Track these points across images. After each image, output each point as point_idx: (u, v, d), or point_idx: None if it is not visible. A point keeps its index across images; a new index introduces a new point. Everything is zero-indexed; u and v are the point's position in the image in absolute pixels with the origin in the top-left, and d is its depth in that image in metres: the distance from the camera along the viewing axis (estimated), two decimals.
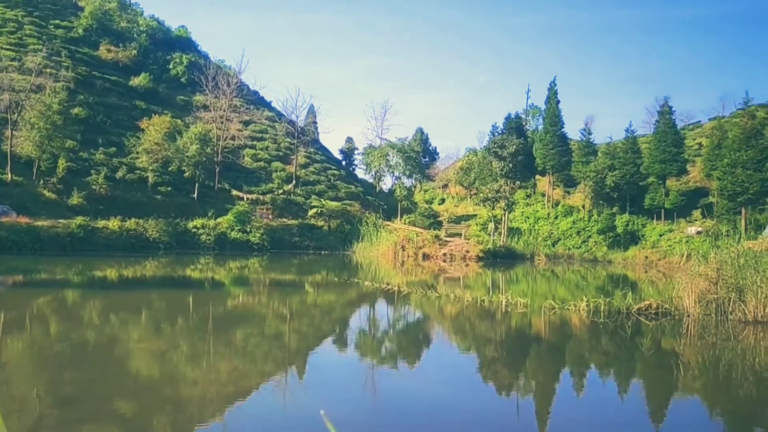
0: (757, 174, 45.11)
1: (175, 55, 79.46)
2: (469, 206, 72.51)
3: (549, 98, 69.75)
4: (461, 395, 8.67)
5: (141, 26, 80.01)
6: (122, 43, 75.12)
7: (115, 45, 74.07)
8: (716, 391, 9.37)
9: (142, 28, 79.57)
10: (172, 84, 76.41)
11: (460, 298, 19.56)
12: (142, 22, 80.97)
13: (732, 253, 16.16)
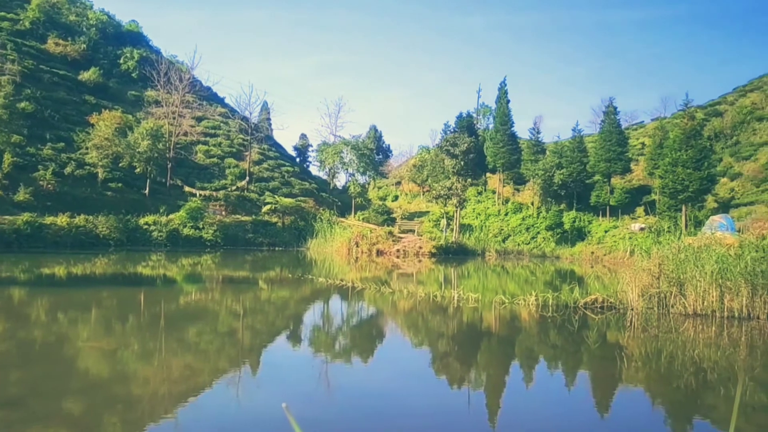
0: (696, 173, 46.65)
1: (125, 50, 77.45)
2: (422, 203, 73.00)
3: (499, 98, 70.80)
4: (414, 389, 8.73)
5: (90, 20, 77.61)
6: (71, 36, 72.76)
7: (63, 39, 71.68)
8: (658, 381, 9.67)
9: (91, 22, 77.20)
10: (123, 79, 74.49)
11: (413, 294, 19.68)
12: (91, 16, 78.56)
13: (673, 249, 16.72)
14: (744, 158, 62.44)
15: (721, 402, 8.36)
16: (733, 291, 15.01)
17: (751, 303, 14.89)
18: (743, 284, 14.90)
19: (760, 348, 12.32)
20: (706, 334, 13.43)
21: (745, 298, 14.88)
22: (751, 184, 56.70)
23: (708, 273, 15.21)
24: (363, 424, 6.84)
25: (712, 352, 11.61)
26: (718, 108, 78.54)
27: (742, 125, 69.29)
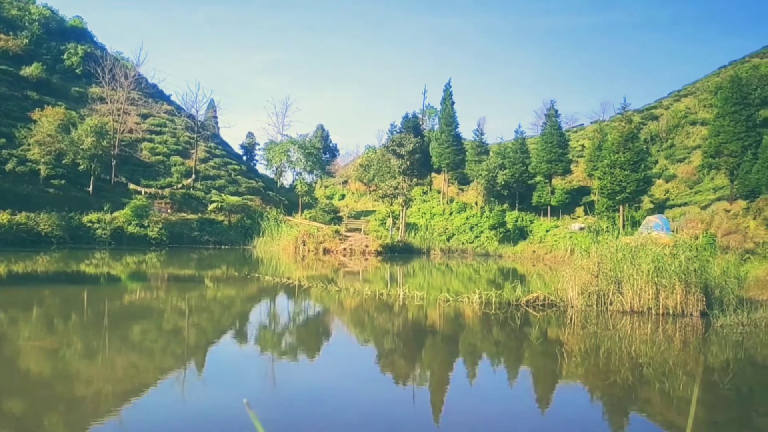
0: (633, 174, 48.11)
1: (69, 46, 74.54)
2: (369, 202, 73.06)
3: (444, 99, 71.49)
4: (360, 386, 8.68)
5: (33, 14, 74.33)
6: (13, 31, 69.50)
7: (4, 33, 68.38)
8: (597, 376, 9.88)
9: (34, 17, 73.94)
10: (67, 75, 71.66)
11: (360, 292, 19.62)
12: (34, 11, 75.27)
13: (611, 248, 17.16)
14: (678, 161, 64.83)
15: (656, 396, 8.60)
16: (668, 289, 15.51)
17: (685, 300, 15.42)
18: (677, 282, 15.42)
19: (693, 344, 12.76)
20: (642, 331, 13.82)
21: (679, 296, 15.40)
22: (685, 186, 58.91)
23: (644, 272, 15.68)
24: (309, 422, 6.74)
25: (648, 348, 11.95)
26: (654, 112, 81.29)
27: (676, 129, 71.90)
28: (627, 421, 7.58)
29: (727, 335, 13.02)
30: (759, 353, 11.68)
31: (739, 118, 46.05)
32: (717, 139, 46.99)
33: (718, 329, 13.64)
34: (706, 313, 15.23)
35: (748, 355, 11.45)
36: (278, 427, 6.38)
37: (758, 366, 10.80)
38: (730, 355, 11.37)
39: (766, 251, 23.76)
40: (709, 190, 52.92)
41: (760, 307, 15.28)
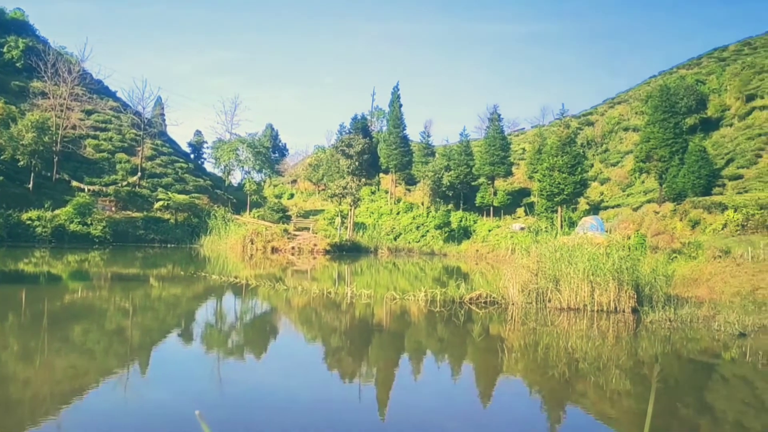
0: (571, 177, 49.37)
1: (9, 39, 71.21)
2: (318, 201, 72.70)
3: (392, 102, 71.81)
4: (307, 383, 8.61)
5: None
6: None
7: None
8: (535, 371, 10.09)
9: None
10: (6, 68, 68.45)
11: (308, 290, 19.48)
12: None
13: (550, 248, 17.54)
14: (612, 164, 66.92)
15: (590, 389, 8.84)
16: (602, 287, 15.97)
17: (618, 297, 15.92)
18: (611, 280, 15.90)
19: (624, 339, 13.17)
20: (578, 327, 14.19)
21: (612, 293, 15.89)
22: (618, 188, 60.88)
23: (580, 270, 16.10)
24: (255, 420, 6.64)
25: (583, 344, 12.28)
26: (590, 118, 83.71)
27: (610, 134, 74.24)
28: (563, 414, 7.77)
29: (656, 330, 13.50)
30: (685, 347, 12.15)
31: (667, 125, 47.85)
32: (647, 144, 48.70)
33: (648, 325, 14.12)
34: (637, 309, 15.75)
35: (675, 349, 11.90)
36: (224, 428, 6.26)
37: (684, 359, 11.24)
38: (658, 350, 11.79)
39: (691, 251, 24.75)
40: (640, 193, 54.79)
41: (685, 304, 15.90)
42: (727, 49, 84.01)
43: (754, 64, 65.68)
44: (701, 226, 31.50)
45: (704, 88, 64.81)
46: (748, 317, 13.92)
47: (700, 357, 11.39)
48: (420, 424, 6.93)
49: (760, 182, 41.73)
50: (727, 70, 68.93)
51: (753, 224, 27.06)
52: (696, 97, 59.61)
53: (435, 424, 6.94)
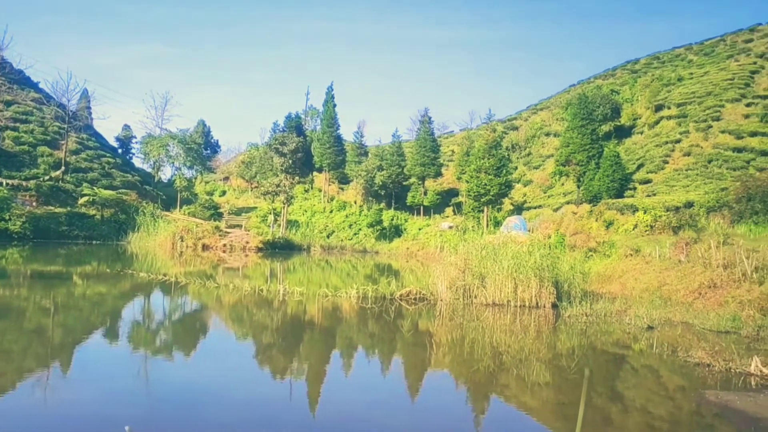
0: (496, 179, 50.60)
1: None
2: (250, 199, 71.43)
3: (327, 101, 71.46)
4: (237, 382, 8.44)
5: None
6: None
7: None
8: (462, 364, 10.27)
9: None
10: None
11: (239, 288, 19.11)
12: None
13: (476, 246, 17.91)
14: (534, 167, 69.01)
15: (513, 381, 9.07)
16: (524, 283, 16.44)
17: (539, 293, 16.43)
18: (533, 277, 16.40)
19: (545, 333, 13.60)
20: (502, 322, 14.55)
21: (534, 290, 16.38)
22: (540, 190, 62.81)
23: (505, 268, 16.53)
24: (185, 419, 6.45)
25: (506, 337, 12.60)
26: (515, 123, 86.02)
27: (533, 139, 76.54)
28: (488, 405, 7.95)
29: (573, 324, 14.01)
30: (599, 340, 12.67)
31: (585, 131, 49.82)
32: (567, 149, 50.52)
33: (566, 319, 14.64)
34: (557, 304, 16.31)
35: (590, 342, 12.39)
36: (151, 428, 6.06)
37: (598, 351, 11.71)
38: (575, 342, 12.24)
39: (605, 250, 25.82)
40: (560, 195, 56.73)
41: (600, 299, 16.59)
42: (638, 62, 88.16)
43: (662, 77, 69.28)
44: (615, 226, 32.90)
45: (618, 98, 67.84)
46: (656, 311, 14.65)
47: (612, 349, 11.89)
48: (350, 419, 6.93)
49: (667, 186, 44.04)
50: (638, 81, 72.37)
51: (660, 225, 28.48)
52: (611, 106, 62.26)
53: (365, 418, 6.95)
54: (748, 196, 27.30)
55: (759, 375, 8.69)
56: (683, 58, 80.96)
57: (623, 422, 7.07)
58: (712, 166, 45.69)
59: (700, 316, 14.14)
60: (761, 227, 24.41)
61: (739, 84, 57.30)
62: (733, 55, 69.31)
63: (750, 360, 9.22)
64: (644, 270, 20.87)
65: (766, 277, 14.62)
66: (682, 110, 57.81)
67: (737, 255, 16.20)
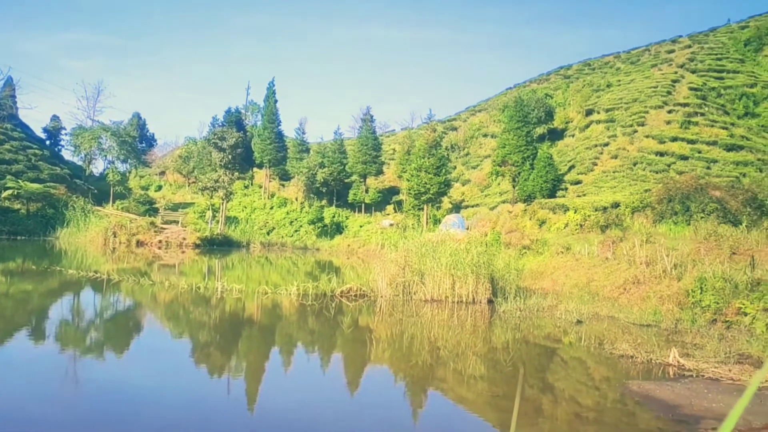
0: (436, 178, 51.23)
1: None
2: (188, 194, 69.71)
3: (268, 97, 70.49)
4: (173, 381, 8.23)
5: None
6: None
7: None
8: (400, 359, 10.36)
9: None
10: None
11: (175, 285, 18.63)
12: None
13: (416, 244, 18.11)
14: (473, 167, 70.22)
15: (450, 374, 9.23)
16: (462, 279, 16.74)
17: (476, 289, 16.76)
18: (470, 274, 16.71)
19: (480, 328, 13.89)
20: (440, 317, 14.76)
21: (471, 286, 16.70)
22: (477, 189, 63.98)
23: (443, 264, 16.77)
24: (118, 422, 6.23)
25: (444, 332, 12.80)
26: (454, 123, 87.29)
27: (472, 139, 77.88)
28: (425, 398, 8.05)
29: (508, 319, 14.36)
30: (531, 334, 13.04)
31: (520, 133, 51.13)
32: (503, 150, 51.69)
33: (501, 314, 15.00)
34: (492, 300, 16.68)
35: (523, 336, 12.74)
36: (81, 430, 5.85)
37: (531, 345, 12.05)
38: (509, 337, 12.56)
39: (538, 247, 26.59)
40: (497, 194, 57.96)
41: (533, 295, 17.08)
42: (571, 68, 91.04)
43: (593, 83, 71.87)
44: (547, 225, 33.93)
45: (552, 102, 69.93)
46: (584, 306, 15.21)
47: (544, 342, 12.27)
48: (289, 415, 6.88)
49: (596, 187, 45.73)
50: (570, 86, 74.81)
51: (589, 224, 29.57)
52: (545, 110, 64.08)
53: (304, 414, 6.92)
54: (668, 197, 28.66)
55: (676, 365, 9.16)
56: (612, 65, 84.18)
57: (553, 412, 7.31)
58: (636, 168, 47.74)
59: (625, 310, 14.77)
60: (680, 227, 25.69)
61: (661, 92, 60.05)
62: (656, 65, 72.58)
63: (669, 351, 9.70)
64: (574, 267, 21.61)
65: (684, 273, 15.40)
66: (610, 115, 60.15)
67: (658, 253, 17.00)
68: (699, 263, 15.21)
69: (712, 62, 67.31)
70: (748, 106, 56.75)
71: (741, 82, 60.93)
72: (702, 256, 16.34)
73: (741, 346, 10.12)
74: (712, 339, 11.04)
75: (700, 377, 8.49)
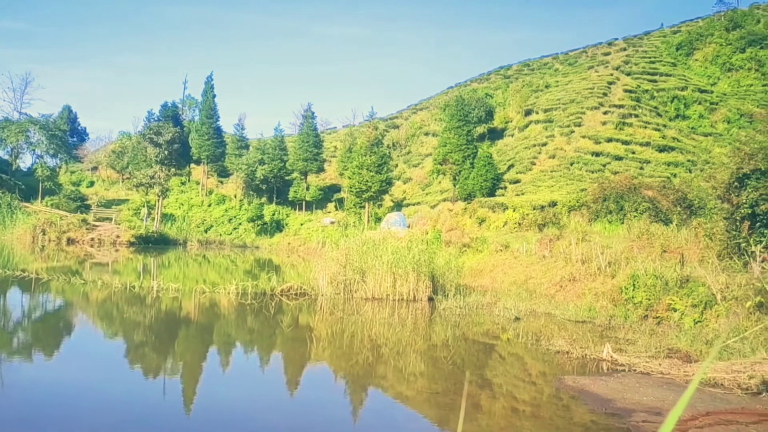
0: (378, 176, 51.47)
1: None
2: (122, 190, 67.45)
3: (206, 91, 68.88)
4: (106, 382, 7.95)
5: None
6: None
7: None
8: (341, 357, 10.37)
9: None
10: None
11: (109, 284, 18.01)
12: None
13: (357, 242, 18.13)
14: (414, 165, 70.87)
15: (390, 372, 9.30)
16: (403, 278, 16.88)
17: (416, 287, 16.94)
18: (411, 272, 16.87)
19: (421, 325, 14.06)
20: (381, 315, 14.85)
21: (412, 284, 16.86)
22: (419, 188, 64.62)
23: (385, 262, 16.87)
24: (47, 425, 5.98)
25: (385, 330, 12.88)
26: (396, 121, 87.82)
27: (413, 138, 78.57)
28: (366, 396, 8.09)
29: (448, 317, 14.59)
30: (471, 331, 13.30)
31: (461, 132, 51.95)
32: (444, 149, 52.40)
33: (441, 312, 15.21)
34: (433, 298, 16.90)
35: (463, 333, 12.98)
36: None
37: (470, 342, 12.29)
38: (449, 334, 12.76)
39: (478, 245, 27.09)
40: (438, 192, 58.71)
41: (472, 292, 17.40)
42: (511, 68, 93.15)
43: (532, 84, 73.74)
44: (487, 223, 34.61)
45: (492, 102, 71.36)
46: (522, 303, 15.62)
47: (483, 339, 12.53)
48: (228, 415, 6.78)
49: (534, 186, 47.01)
50: (510, 87, 76.52)
51: (527, 223, 30.36)
52: (485, 109, 65.33)
53: (243, 414, 6.83)
54: (603, 197, 29.74)
55: (610, 360, 9.54)
56: (550, 66, 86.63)
57: (491, 408, 7.48)
58: (573, 168, 49.36)
59: (561, 307, 15.24)
60: (614, 225, 26.71)
61: (598, 93, 62.28)
62: (593, 66, 75.21)
63: (603, 347, 10.09)
64: (513, 264, 22.13)
65: (617, 271, 16.03)
66: (548, 115, 61.94)
67: (593, 251, 17.62)
68: (632, 261, 15.83)
69: (645, 65, 70.33)
70: (679, 109, 59.66)
71: (673, 85, 63.95)
72: (635, 254, 17.02)
73: (670, 341, 10.62)
74: (644, 334, 11.55)
75: (632, 372, 8.87)
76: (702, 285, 12.24)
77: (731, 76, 66.66)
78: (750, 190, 12.43)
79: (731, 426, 6.09)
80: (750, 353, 8.85)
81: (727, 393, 7.51)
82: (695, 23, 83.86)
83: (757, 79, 64.36)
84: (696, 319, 11.84)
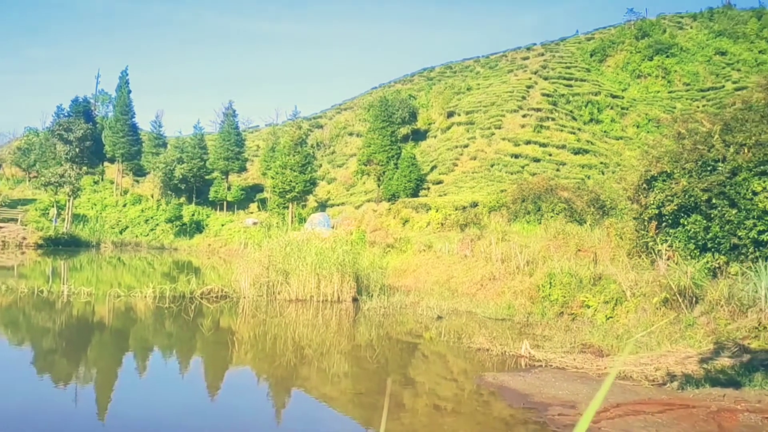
0: (302, 176, 51.13)
1: None
2: (28, 190, 63.58)
3: (120, 87, 66.05)
4: (11, 391, 7.52)
5: None
6: None
7: None
8: (264, 360, 10.27)
9: None
10: None
11: (14, 289, 16.98)
12: None
13: (281, 243, 17.96)
14: (338, 165, 70.83)
15: (314, 373, 9.30)
16: (327, 278, 16.86)
17: (341, 288, 16.97)
18: (335, 273, 16.88)
19: (345, 326, 14.10)
20: (305, 316, 14.78)
21: (336, 285, 16.88)
22: (343, 188, 64.64)
23: (308, 263, 16.79)
24: None
25: (309, 332, 12.85)
26: (320, 121, 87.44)
27: (337, 138, 78.51)
28: (289, 398, 8.06)
29: (372, 317, 14.71)
30: (394, 330, 13.47)
31: (385, 133, 52.41)
32: (368, 149, 52.70)
33: (365, 312, 15.32)
34: (357, 298, 16.98)
35: (387, 333, 13.13)
36: None
37: (394, 341, 12.46)
38: (373, 334, 12.88)
39: (401, 246, 27.44)
40: (362, 193, 58.96)
41: (396, 292, 17.61)
42: (434, 70, 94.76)
43: (454, 86, 75.34)
44: (410, 223, 35.09)
45: (416, 103, 72.39)
46: (444, 302, 15.97)
47: (406, 338, 12.73)
48: (145, 422, 6.58)
49: (456, 187, 48.08)
50: (433, 88, 77.84)
51: (450, 223, 31.02)
52: (409, 110, 66.19)
53: (160, 421, 6.65)
54: (522, 197, 30.78)
55: (528, 356, 9.92)
56: (472, 69, 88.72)
57: (414, 405, 7.63)
58: (493, 169, 50.83)
59: (482, 305, 15.68)
60: (532, 225, 27.70)
61: (517, 96, 64.38)
62: (513, 70, 77.66)
63: (521, 343, 10.48)
64: (435, 264, 22.56)
65: (535, 269, 16.65)
66: (470, 117, 63.45)
67: (512, 250, 18.23)
68: (549, 260, 16.48)
69: (562, 70, 73.30)
70: (592, 113, 62.59)
71: (587, 90, 67.01)
72: (551, 253, 17.73)
73: (584, 336, 11.15)
74: (560, 330, 12.07)
75: (549, 367, 9.26)
76: (613, 282, 12.91)
77: (640, 83, 70.72)
78: (657, 192, 13.19)
79: (639, 416, 6.49)
80: (656, 346, 9.45)
81: (635, 385, 7.99)
82: (608, 30, 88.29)
83: (663, 86, 68.62)
84: (608, 315, 12.49)
